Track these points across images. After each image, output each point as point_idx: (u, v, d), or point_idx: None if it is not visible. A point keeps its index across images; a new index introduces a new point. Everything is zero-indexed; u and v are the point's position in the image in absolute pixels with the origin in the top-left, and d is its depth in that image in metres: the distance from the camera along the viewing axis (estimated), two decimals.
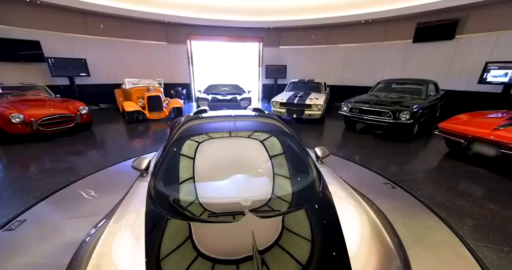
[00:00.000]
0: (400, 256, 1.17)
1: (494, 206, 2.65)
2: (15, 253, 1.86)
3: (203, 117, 2.40)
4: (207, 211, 1.37)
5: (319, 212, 1.40)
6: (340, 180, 1.80)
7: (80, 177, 3.23)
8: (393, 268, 1.12)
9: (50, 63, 7.33)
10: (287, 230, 1.24)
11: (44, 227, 2.21)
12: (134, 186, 1.71)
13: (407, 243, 1.24)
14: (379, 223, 1.32)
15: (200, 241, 1.19)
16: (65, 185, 3.01)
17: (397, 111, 4.88)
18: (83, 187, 2.99)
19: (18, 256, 1.83)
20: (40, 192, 2.83)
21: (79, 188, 2.95)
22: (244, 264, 1.02)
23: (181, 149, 1.85)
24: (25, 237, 2.08)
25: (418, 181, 3.26)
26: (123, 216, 1.37)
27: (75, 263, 1.13)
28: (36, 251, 1.89)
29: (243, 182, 1.65)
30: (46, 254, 1.86)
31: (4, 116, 4.26)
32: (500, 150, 3.24)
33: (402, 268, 1.12)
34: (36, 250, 1.90)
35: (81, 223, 2.25)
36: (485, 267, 1.77)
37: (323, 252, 1.15)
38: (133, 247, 1.15)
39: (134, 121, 6.52)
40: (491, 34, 6.55)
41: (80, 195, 2.80)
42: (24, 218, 2.32)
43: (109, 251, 1.14)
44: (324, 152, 2.10)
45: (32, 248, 1.92)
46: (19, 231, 2.15)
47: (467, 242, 2.04)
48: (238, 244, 1.15)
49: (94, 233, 1.28)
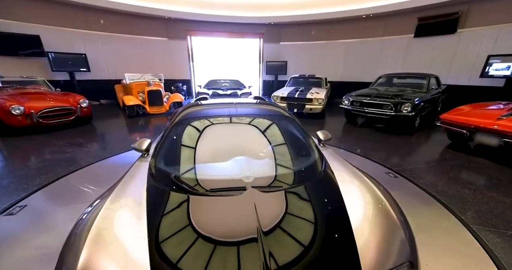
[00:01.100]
0: (404, 229, 1.15)
1: (496, 194, 2.64)
2: (15, 237, 1.86)
3: (205, 104, 2.38)
4: (209, 186, 1.36)
5: (321, 188, 1.38)
6: (343, 161, 1.78)
7: (81, 166, 3.22)
8: (397, 239, 1.10)
9: (50, 57, 7.31)
10: (289, 205, 1.22)
11: (44, 213, 2.20)
12: (134, 166, 1.70)
13: (412, 229, 1.22)
14: (382, 197, 1.31)
15: (202, 214, 1.18)
16: (66, 173, 3.00)
17: (398, 103, 4.86)
18: (84, 176, 2.98)
19: (18, 240, 1.83)
20: (41, 179, 2.82)
21: (80, 177, 2.94)
22: (246, 238, 1.00)
23: (183, 131, 1.84)
24: (26, 222, 2.07)
25: (420, 170, 3.24)
26: (123, 192, 1.35)
27: (74, 237, 1.09)
28: (36, 235, 1.88)
29: (244, 163, 1.63)
30: (46, 238, 1.85)
31: (4, 108, 4.25)
32: (503, 139, 3.22)
33: (407, 241, 1.11)
34: (36, 234, 1.89)
35: (81, 209, 2.21)
36: (492, 253, 1.75)
37: (327, 227, 1.13)
38: (133, 220, 1.14)
39: (135, 115, 6.51)
40: (493, 28, 6.52)
41: (80, 183, 2.78)
42: (25, 204, 2.32)
43: (110, 224, 1.11)
44: (326, 136, 2.09)
45: (32, 233, 1.91)
46: (20, 216, 2.14)
47: (473, 229, 2.02)
48: (241, 217, 1.14)
49: (91, 210, 1.25)
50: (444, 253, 1.75)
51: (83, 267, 0.91)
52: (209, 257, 0.92)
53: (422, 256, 1.15)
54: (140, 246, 0.99)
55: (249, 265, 0.88)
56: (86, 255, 0.95)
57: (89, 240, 1.01)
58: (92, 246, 0.99)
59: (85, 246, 0.98)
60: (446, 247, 1.81)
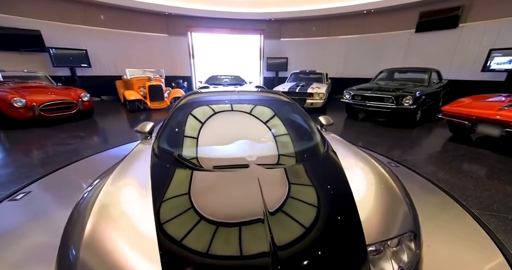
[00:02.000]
0: (407, 203, 1.16)
1: (498, 182, 2.64)
2: (20, 222, 1.87)
3: (208, 91, 2.39)
4: (213, 164, 1.37)
5: (324, 165, 1.39)
6: (346, 142, 1.80)
7: (84, 157, 3.24)
8: (400, 212, 1.11)
9: (51, 53, 7.31)
10: (293, 181, 1.23)
11: (48, 199, 2.22)
12: (136, 148, 1.70)
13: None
14: (385, 173, 1.31)
15: (207, 189, 1.18)
16: (69, 162, 3.02)
17: (399, 96, 4.85)
18: (87, 165, 3.00)
19: (22, 224, 1.84)
20: (44, 169, 2.84)
21: (83, 166, 2.96)
22: (253, 214, 0.98)
23: (186, 115, 1.85)
24: (29, 208, 2.09)
25: (421, 161, 3.25)
26: (126, 171, 1.35)
27: (77, 213, 1.08)
28: (40, 220, 1.89)
29: (247, 145, 1.64)
30: (49, 223, 1.86)
31: (6, 100, 4.26)
32: (505, 129, 3.22)
33: (410, 214, 1.11)
34: (39, 219, 1.91)
35: None
36: (493, 235, 1.76)
37: (331, 201, 1.14)
38: (138, 195, 1.14)
39: (136, 110, 6.51)
40: (494, 22, 6.49)
41: (84, 172, 2.80)
42: (29, 190, 2.33)
43: (114, 199, 1.11)
44: (328, 121, 2.10)
45: (36, 218, 1.92)
46: (24, 202, 2.16)
47: (474, 213, 2.03)
48: (245, 191, 1.14)
49: (92, 189, 1.22)
50: (445, 235, 1.76)
51: (89, 238, 0.91)
52: (214, 232, 0.91)
53: (423, 238, 1.14)
54: (146, 218, 0.99)
55: (255, 241, 0.87)
56: (91, 227, 0.94)
57: (93, 213, 1.00)
58: (96, 218, 0.98)
59: (90, 219, 0.97)
60: (447, 230, 1.83)
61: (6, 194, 2.25)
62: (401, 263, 0.94)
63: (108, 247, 0.88)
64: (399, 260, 0.96)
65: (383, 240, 0.96)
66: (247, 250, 0.85)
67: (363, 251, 0.91)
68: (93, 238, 0.91)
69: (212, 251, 0.84)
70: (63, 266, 0.88)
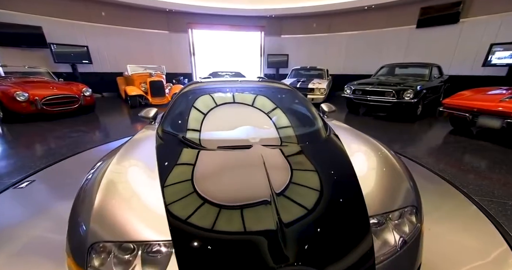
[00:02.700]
0: (409, 180, 1.18)
1: (498, 171, 2.66)
2: (24, 209, 1.91)
3: (210, 80, 2.41)
4: (217, 145, 1.38)
5: (326, 145, 1.41)
6: (348, 126, 1.82)
7: (87, 148, 3.27)
8: (402, 188, 1.13)
9: (52, 49, 7.33)
10: (296, 159, 1.25)
11: (51, 188, 2.26)
12: (139, 132, 1.72)
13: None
14: (387, 152, 1.33)
15: (214, 167, 1.20)
16: (71, 154, 3.04)
17: (400, 90, 4.86)
18: (90, 157, 3.02)
19: (26, 211, 1.87)
20: (48, 160, 2.86)
21: (86, 158, 2.98)
22: (259, 191, 0.99)
23: (190, 101, 1.87)
24: (34, 195, 2.12)
25: (422, 152, 3.26)
26: (130, 152, 1.35)
27: (84, 191, 1.07)
28: (43, 207, 1.92)
29: (250, 130, 1.66)
30: (51, 209, 1.89)
31: (9, 94, 4.29)
32: (505, 120, 3.23)
33: (412, 190, 1.13)
34: (43, 207, 1.94)
35: None
36: (492, 218, 1.78)
37: (334, 177, 1.16)
38: (144, 172, 1.16)
39: (137, 105, 6.53)
40: (496, 16, 6.48)
41: (86, 163, 2.80)
42: (33, 179, 2.36)
43: (120, 176, 1.12)
44: (330, 108, 2.12)
45: (40, 205, 1.95)
46: (28, 190, 2.19)
47: (474, 199, 2.05)
48: (251, 170, 1.15)
49: (95, 170, 1.20)
50: (445, 219, 1.78)
51: (98, 211, 0.92)
52: (218, 212, 0.91)
53: (424, 223, 1.14)
54: (154, 194, 0.99)
55: (263, 220, 0.87)
56: (100, 201, 0.95)
57: (100, 189, 1.00)
58: (104, 193, 0.99)
59: (98, 194, 0.98)
60: (447, 214, 1.85)
61: (11, 182, 2.27)
62: (403, 234, 0.96)
63: (117, 218, 0.90)
64: (401, 232, 0.98)
65: (385, 212, 0.98)
66: (255, 228, 0.86)
67: (365, 223, 0.93)
68: (102, 211, 0.92)
69: (221, 228, 0.85)
70: (75, 241, 0.90)
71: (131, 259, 0.82)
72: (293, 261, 0.76)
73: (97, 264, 0.81)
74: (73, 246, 0.89)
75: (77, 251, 0.86)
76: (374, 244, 0.87)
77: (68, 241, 0.92)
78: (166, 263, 0.80)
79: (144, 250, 0.83)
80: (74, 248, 0.88)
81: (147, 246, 0.83)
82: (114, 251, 0.83)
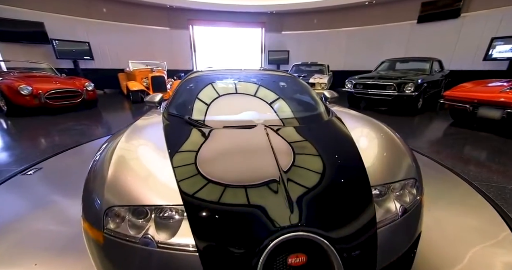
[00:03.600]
0: (410, 156, 1.21)
1: (498, 159, 2.69)
2: (31, 194, 1.96)
3: (214, 69, 2.44)
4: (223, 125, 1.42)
5: (329, 124, 1.45)
6: (350, 110, 1.85)
7: (91, 139, 3.31)
8: (403, 163, 1.16)
9: (54, 45, 7.35)
10: (299, 137, 1.29)
11: (58, 175, 2.30)
12: (145, 115, 1.76)
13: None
14: (389, 131, 1.37)
15: (222, 145, 1.23)
16: (76, 144, 3.09)
17: (401, 84, 4.88)
18: (93, 147, 3.05)
19: (33, 197, 1.92)
20: (53, 149, 2.91)
21: (90, 148, 3.03)
22: (268, 172, 0.99)
23: (195, 87, 1.92)
24: (41, 182, 2.17)
25: (422, 143, 3.30)
26: (137, 132, 1.37)
27: (94, 172, 1.07)
28: (50, 193, 1.96)
29: (254, 114, 1.69)
30: (57, 194, 1.94)
31: (13, 88, 4.33)
32: (506, 110, 3.26)
33: (413, 166, 1.16)
34: (50, 193, 1.99)
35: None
36: (491, 200, 1.82)
37: (337, 154, 1.18)
38: (153, 149, 1.18)
39: (139, 101, 6.57)
40: (496, 11, 6.48)
41: (90, 153, 2.83)
42: (41, 167, 2.41)
43: (130, 152, 1.14)
44: (332, 94, 2.15)
45: (47, 191, 2.00)
46: (36, 176, 2.24)
47: (474, 184, 2.09)
48: (257, 148, 1.17)
49: (104, 150, 1.20)
50: (444, 202, 1.82)
51: (111, 180, 0.95)
52: (224, 189, 0.92)
53: (425, 204, 1.16)
54: (164, 169, 1.01)
55: (273, 197, 0.89)
56: (113, 173, 0.98)
57: (112, 164, 1.03)
58: (117, 165, 1.02)
59: (110, 168, 1.00)
60: (446, 197, 1.89)
61: (19, 169, 2.32)
62: (404, 203, 0.99)
63: (130, 185, 0.93)
64: (402, 201, 1.01)
65: (387, 182, 1.02)
66: (264, 201, 0.87)
67: (368, 191, 0.96)
68: (116, 180, 0.95)
69: (230, 201, 0.87)
70: (91, 207, 0.93)
71: (144, 223, 0.86)
72: (299, 222, 0.80)
73: (113, 227, 0.85)
74: (89, 212, 0.93)
75: (93, 216, 0.90)
76: (376, 212, 0.91)
77: (84, 208, 0.96)
78: (177, 227, 0.84)
79: (157, 215, 0.87)
80: (91, 213, 0.92)
81: (160, 211, 0.87)
82: (128, 215, 0.87)
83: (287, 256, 0.76)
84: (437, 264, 1.26)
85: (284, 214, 0.82)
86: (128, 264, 0.83)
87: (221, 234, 0.80)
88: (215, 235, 0.79)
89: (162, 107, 1.88)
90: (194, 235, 0.79)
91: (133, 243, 0.81)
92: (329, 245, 0.77)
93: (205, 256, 0.76)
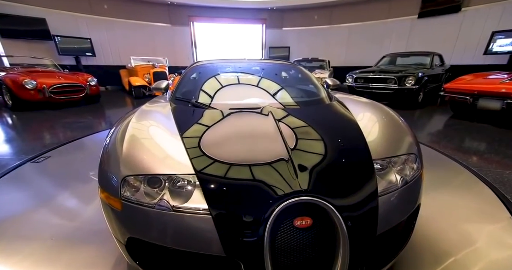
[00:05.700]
0: (410, 134, 1.26)
1: (498, 148, 2.73)
2: (40, 181, 2.03)
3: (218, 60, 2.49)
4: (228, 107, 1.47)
5: (331, 107, 1.51)
6: (352, 95, 1.90)
7: (97, 131, 3.37)
8: (404, 140, 1.21)
9: (56, 41, 7.39)
10: (303, 117, 1.34)
11: (66, 163, 2.37)
12: (151, 100, 1.80)
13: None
14: (391, 111, 1.42)
15: (230, 127, 1.28)
16: (81, 136, 3.14)
17: (402, 77, 4.91)
18: (98, 138, 3.12)
19: (43, 183, 2.00)
20: (58, 140, 2.97)
21: (95, 139, 3.10)
22: (276, 152, 1.02)
23: (201, 74, 1.97)
24: (50, 169, 2.23)
25: (423, 134, 3.34)
26: (145, 115, 1.40)
27: (107, 153, 1.10)
28: (59, 180, 2.04)
29: (258, 101, 1.74)
30: (65, 179, 2.02)
31: (18, 82, 4.38)
32: (505, 101, 3.30)
33: (413, 143, 1.21)
34: (57, 177, 2.08)
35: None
36: (489, 184, 1.87)
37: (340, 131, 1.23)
38: (163, 129, 1.23)
39: (141, 96, 6.62)
40: (497, 5, 6.48)
41: (96, 143, 2.92)
42: (49, 155, 2.47)
43: (142, 131, 1.19)
44: (335, 82, 2.20)
45: (56, 178, 2.07)
46: (45, 164, 2.30)
47: (473, 169, 2.14)
48: (264, 128, 1.21)
49: (113, 133, 1.22)
50: (445, 187, 1.87)
51: (126, 153, 0.99)
52: (228, 168, 0.94)
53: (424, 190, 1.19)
54: (176, 147, 1.05)
55: (282, 174, 0.92)
56: (127, 146, 1.02)
57: (126, 140, 1.07)
58: (130, 141, 1.06)
59: (125, 143, 1.05)
60: (446, 182, 1.94)
61: (29, 157, 2.38)
62: (404, 176, 1.04)
63: (144, 158, 0.98)
64: (403, 174, 1.06)
65: (388, 157, 1.07)
66: (274, 176, 0.91)
67: (369, 164, 1.01)
68: (130, 153, 1.00)
69: (239, 176, 0.91)
70: (108, 176, 0.98)
71: (159, 192, 0.91)
72: (305, 188, 0.85)
73: (129, 194, 0.90)
74: (106, 181, 0.98)
75: (110, 184, 0.95)
76: (378, 183, 0.95)
77: (101, 178, 1.01)
78: (190, 195, 0.89)
79: (171, 183, 0.92)
80: (107, 182, 0.97)
81: (173, 181, 0.92)
82: (144, 183, 0.92)
83: (294, 219, 0.82)
84: (436, 239, 1.32)
85: (291, 183, 0.87)
86: (146, 227, 0.89)
87: (233, 200, 0.85)
88: (227, 201, 0.85)
89: (168, 95, 1.93)
90: (207, 201, 0.84)
91: (149, 207, 0.86)
92: (333, 209, 0.82)
93: (218, 218, 0.81)
